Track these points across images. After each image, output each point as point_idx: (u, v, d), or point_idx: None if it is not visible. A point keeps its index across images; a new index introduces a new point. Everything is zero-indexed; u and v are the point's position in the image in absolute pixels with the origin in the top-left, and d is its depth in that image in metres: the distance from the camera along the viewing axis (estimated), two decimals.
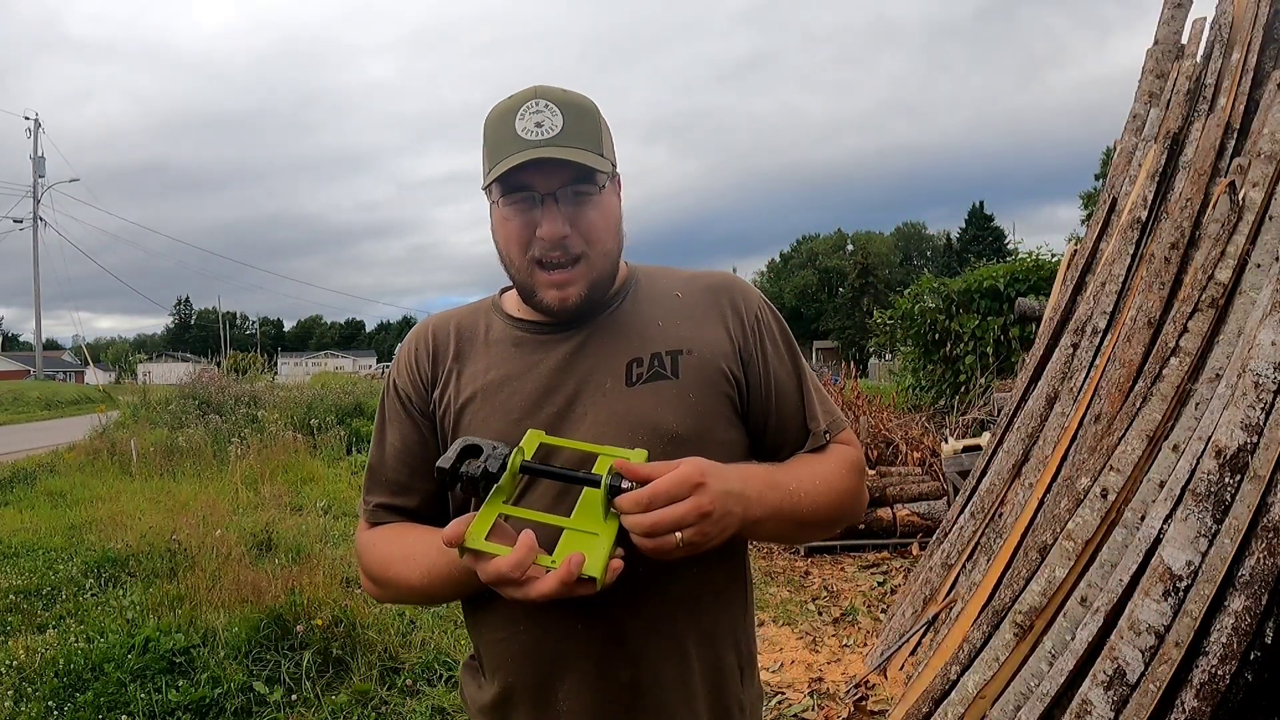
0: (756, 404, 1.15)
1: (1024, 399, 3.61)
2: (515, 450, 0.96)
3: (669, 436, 1.06)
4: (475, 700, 1.16)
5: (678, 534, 0.91)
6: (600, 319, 1.14)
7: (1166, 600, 1.99)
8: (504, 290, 1.23)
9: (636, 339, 1.12)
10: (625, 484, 0.92)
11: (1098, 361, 3.10)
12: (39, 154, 41.45)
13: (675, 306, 1.16)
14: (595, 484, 0.94)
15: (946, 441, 6.36)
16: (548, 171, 1.03)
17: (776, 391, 1.15)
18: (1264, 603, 1.85)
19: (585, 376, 1.10)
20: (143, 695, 3.20)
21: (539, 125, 1.03)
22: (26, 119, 41.40)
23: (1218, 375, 2.37)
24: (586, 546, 0.91)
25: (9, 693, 3.26)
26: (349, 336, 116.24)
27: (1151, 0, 3.82)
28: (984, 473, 3.63)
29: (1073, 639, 2.24)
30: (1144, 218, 3.24)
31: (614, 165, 1.11)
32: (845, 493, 1.13)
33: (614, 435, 1.06)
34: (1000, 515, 3.30)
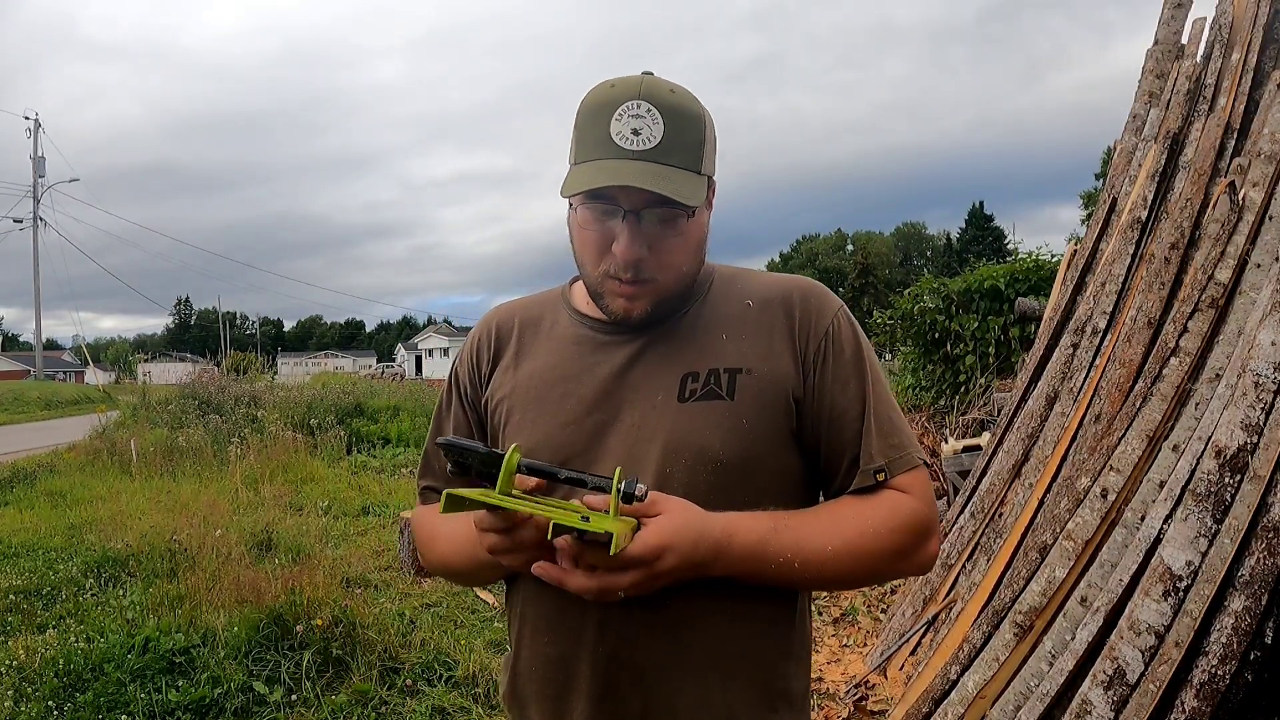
0: (810, 431, 1.04)
1: (1024, 399, 3.61)
2: (513, 449, 0.91)
3: (714, 462, 1.00)
4: (503, 693, 1.15)
5: (620, 594, 0.91)
6: (665, 325, 1.07)
7: (1166, 600, 1.99)
8: (574, 280, 1.17)
9: (696, 351, 1.05)
10: (639, 489, 0.88)
11: (1098, 361, 3.10)
12: (39, 154, 41.46)
13: (743, 317, 1.07)
14: (605, 489, 0.89)
15: (946, 441, 6.36)
16: (634, 189, 0.94)
17: (831, 419, 1.04)
18: (1264, 603, 1.85)
19: (638, 386, 1.04)
20: (143, 695, 3.19)
21: (636, 133, 0.95)
22: (26, 119, 41.43)
23: (1218, 375, 2.36)
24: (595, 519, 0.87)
25: (9, 693, 3.26)
26: (349, 337, 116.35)
27: (1152, 2, 3.82)
28: (984, 473, 3.63)
29: (1073, 639, 2.24)
30: (1144, 218, 3.24)
31: (711, 177, 1.03)
32: (875, 556, 0.99)
33: (656, 453, 1.00)
34: (1000, 515, 3.30)
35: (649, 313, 1.03)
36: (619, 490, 0.88)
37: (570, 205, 1.04)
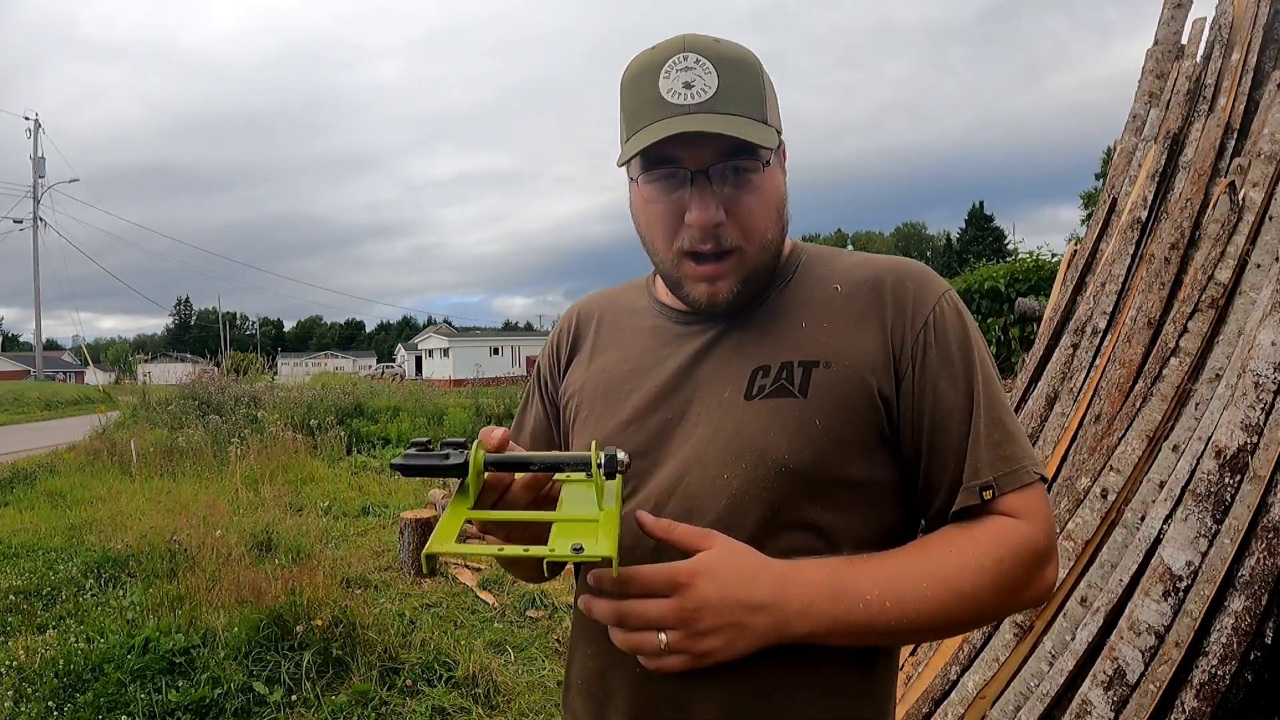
0: (905, 438, 0.89)
1: (1024, 399, 3.61)
2: (475, 446, 0.80)
3: (778, 468, 0.86)
4: (561, 697, 1.08)
5: (661, 636, 0.77)
6: (743, 312, 0.95)
7: (1166, 600, 1.99)
8: None
9: (771, 342, 0.92)
10: (622, 456, 0.78)
11: (1098, 361, 3.10)
12: (39, 154, 41.47)
13: (827, 304, 0.93)
14: (584, 466, 0.79)
15: None
16: (699, 144, 0.84)
17: (931, 425, 0.88)
18: (1264, 603, 1.85)
19: (707, 381, 0.93)
20: (143, 695, 3.20)
21: (688, 86, 0.84)
22: (26, 119, 41.43)
23: (1218, 375, 2.37)
24: (584, 531, 0.76)
25: (9, 693, 3.26)
26: (349, 337, 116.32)
27: (1152, 3, 3.82)
28: None
29: (1073, 639, 2.24)
30: (1144, 218, 3.24)
31: (779, 133, 0.91)
32: (980, 593, 0.83)
33: (715, 457, 0.89)
34: None
35: (736, 294, 0.91)
36: (599, 468, 0.78)
37: (630, 188, 0.94)
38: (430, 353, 50.99)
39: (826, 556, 0.85)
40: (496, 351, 47.30)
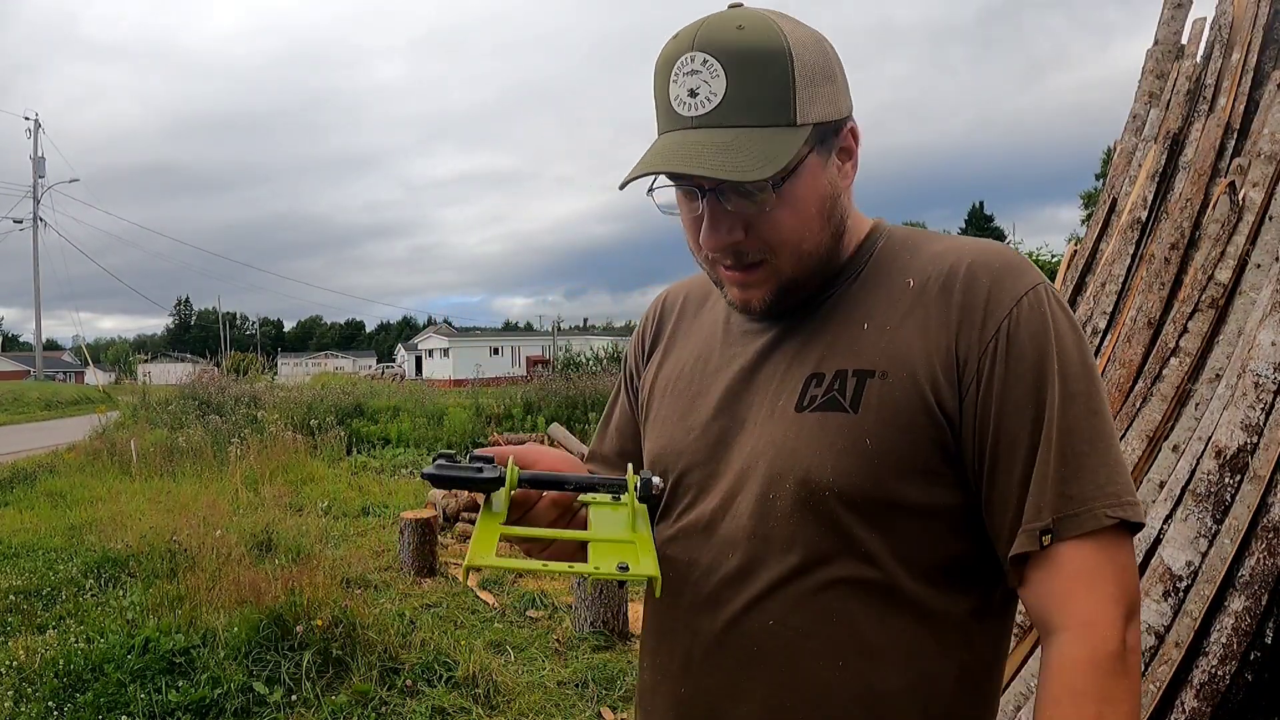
0: (968, 461, 0.78)
1: None
2: (510, 462, 0.81)
3: (823, 490, 0.78)
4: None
5: None
6: (806, 309, 0.86)
7: (1166, 600, 1.99)
8: None
9: (828, 346, 0.83)
10: (656, 481, 0.78)
11: (1098, 362, 3.10)
12: (39, 154, 41.48)
13: (895, 301, 0.82)
14: (620, 489, 0.79)
15: None
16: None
17: (994, 451, 0.76)
18: (1264, 603, 1.85)
19: (762, 387, 0.86)
20: (143, 696, 3.19)
21: (693, 94, 0.76)
22: (26, 119, 41.44)
23: (1218, 375, 2.37)
24: (624, 551, 0.75)
25: (9, 693, 3.26)
26: (349, 337, 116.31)
27: (1152, 3, 3.82)
28: None
29: None
30: (1144, 218, 3.24)
31: (826, 120, 0.79)
32: None
33: (762, 474, 0.81)
34: None
35: (771, 302, 0.84)
36: (634, 491, 0.78)
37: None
38: (430, 353, 51.00)
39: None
40: (496, 351, 47.30)
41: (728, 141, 0.75)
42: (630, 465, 0.82)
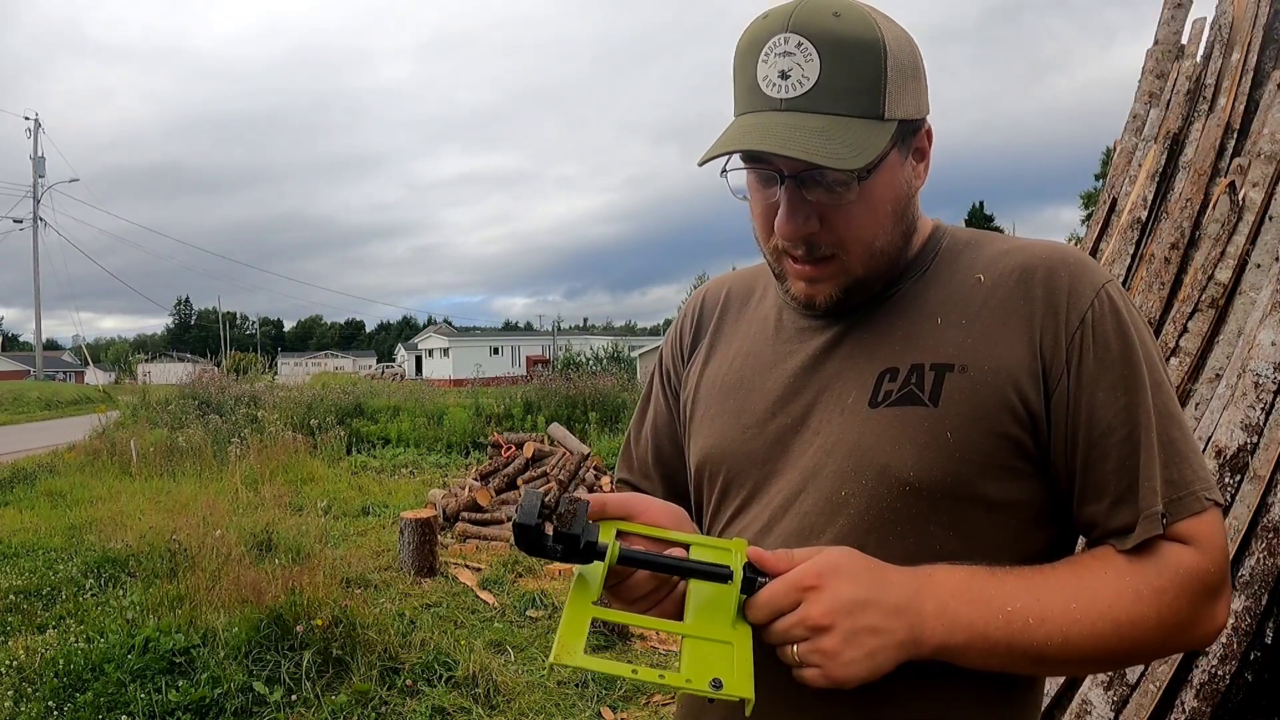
0: (1057, 456, 0.78)
1: None
2: (613, 537, 0.76)
3: (902, 486, 0.77)
4: None
5: (791, 649, 0.70)
6: (871, 306, 0.86)
7: None
8: None
9: (901, 341, 0.82)
10: (762, 579, 0.72)
11: None
12: (39, 154, 41.49)
13: (968, 298, 0.82)
14: (725, 578, 0.73)
15: None
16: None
17: (1087, 443, 0.76)
18: (1264, 603, 1.85)
19: (828, 384, 0.84)
20: (143, 695, 3.20)
21: (784, 76, 0.74)
22: (26, 119, 41.44)
23: (1218, 375, 2.37)
24: (720, 658, 0.70)
25: (9, 693, 3.26)
26: (349, 337, 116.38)
27: (1153, 3, 3.82)
28: None
29: None
30: (1144, 218, 3.24)
31: (909, 118, 0.79)
32: (1137, 624, 0.73)
33: (833, 471, 0.81)
34: None
35: (837, 298, 0.83)
36: (741, 581, 0.72)
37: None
38: (430, 352, 51.01)
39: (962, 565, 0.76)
40: (496, 351, 47.33)
41: (821, 127, 0.74)
42: (734, 541, 0.76)
